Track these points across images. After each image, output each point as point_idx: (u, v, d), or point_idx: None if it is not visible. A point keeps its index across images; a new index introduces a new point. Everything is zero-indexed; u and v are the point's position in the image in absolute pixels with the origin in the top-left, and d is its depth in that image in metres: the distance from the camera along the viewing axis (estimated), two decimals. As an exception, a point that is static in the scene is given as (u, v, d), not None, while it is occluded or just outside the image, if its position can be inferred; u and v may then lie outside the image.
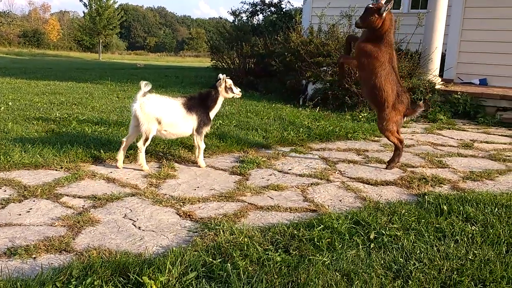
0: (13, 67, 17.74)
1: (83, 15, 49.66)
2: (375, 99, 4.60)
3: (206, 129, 4.51)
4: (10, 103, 7.43)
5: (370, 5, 4.41)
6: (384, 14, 4.32)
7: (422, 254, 2.65)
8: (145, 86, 4.11)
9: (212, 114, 4.54)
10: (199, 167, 4.44)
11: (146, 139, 4.21)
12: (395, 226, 3.02)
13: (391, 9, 4.38)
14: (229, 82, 4.55)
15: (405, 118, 4.78)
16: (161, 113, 4.19)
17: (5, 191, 3.55)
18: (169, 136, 4.49)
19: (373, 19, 4.37)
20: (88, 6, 43.83)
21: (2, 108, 6.92)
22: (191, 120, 4.36)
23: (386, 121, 4.59)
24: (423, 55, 8.79)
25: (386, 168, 4.66)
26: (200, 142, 4.45)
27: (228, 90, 4.54)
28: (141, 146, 4.21)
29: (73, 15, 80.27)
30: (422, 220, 3.13)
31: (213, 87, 4.54)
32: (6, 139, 4.91)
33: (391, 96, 4.50)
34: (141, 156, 4.25)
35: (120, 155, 4.29)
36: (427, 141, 6.18)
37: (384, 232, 2.90)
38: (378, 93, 4.50)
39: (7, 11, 42.44)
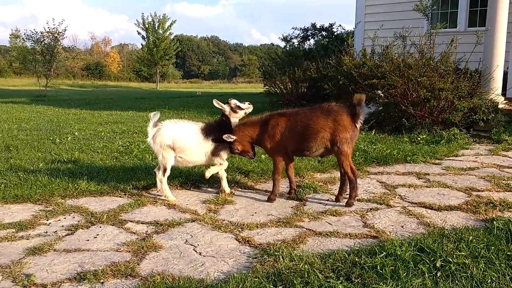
0: (78, 99, 18.82)
1: (141, 47, 52.16)
2: None
3: (225, 152, 4.31)
4: (76, 133, 7.88)
5: None
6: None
7: (494, 284, 2.51)
8: (154, 116, 4.14)
9: None
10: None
11: (165, 170, 4.15)
12: (462, 253, 2.88)
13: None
14: (233, 101, 4.37)
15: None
16: (172, 139, 4.11)
17: (73, 217, 3.74)
18: (186, 164, 4.33)
19: None
20: (146, 39, 46.01)
21: (70, 138, 7.34)
22: (208, 146, 4.23)
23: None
24: (483, 74, 8.46)
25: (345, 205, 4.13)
26: (223, 162, 4.29)
27: (236, 109, 4.35)
28: (161, 178, 4.16)
29: (132, 47, 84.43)
30: (492, 247, 2.96)
31: (222, 114, 4.40)
32: (74, 167, 5.19)
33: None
34: (163, 187, 4.18)
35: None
36: (492, 163, 5.89)
37: (451, 260, 2.77)
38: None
39: (72, 46, 45.45)
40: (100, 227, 3.54)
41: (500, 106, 8.31)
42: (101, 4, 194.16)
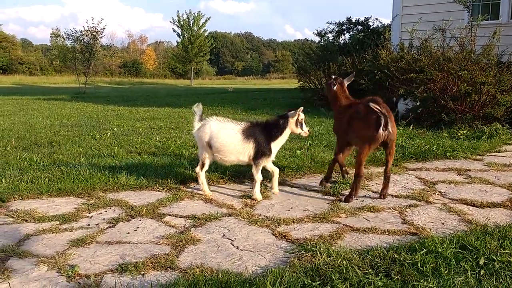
0: (116, 95, 19.29)
1: (176, 44, 52.89)
2: None
3: (265, 161, 4.12)
4: (115, 129, 8.08)
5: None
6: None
7: (541, 284, 2.41)
8: (197, 108, 4.13)
9: (275, 145, 4.15)
10: (275, 194, 4.22)
11: (203, 165, 4.18)
12: (507, 251, 2.79)
13: None
14: (302, 116, 4.19)
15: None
16: (210, 138, 4.06)
17: (114, 210, 3.84)
18: (223, 162, 4.26)
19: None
20: (181, 36, 46.61)
21: (109, 133, 7.54)
22: (247, 148, 4.06)
23: None
24: (527, 66, 8.13)
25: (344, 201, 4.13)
26: (256, 174, 4.10)
27: (298, 124, 4.17)
28: (199, 171, 4.18)
29: (167, 45, 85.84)
30: (539, 246, 2.86)
31: (284, 116, 4.18)
32: (113, 162, 5.33)
33: None
34: (200, 181, 4.20)
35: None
36: (537, 159, 5.66)
37: (495, 258, 2.69)
38: None
39: (110, 45, 46.53)
40: (140, 220, 3.62)
41: (546, 100, 7.97)
42: (138, 2, 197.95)
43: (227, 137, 4.07)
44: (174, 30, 46.66)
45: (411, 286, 2.41)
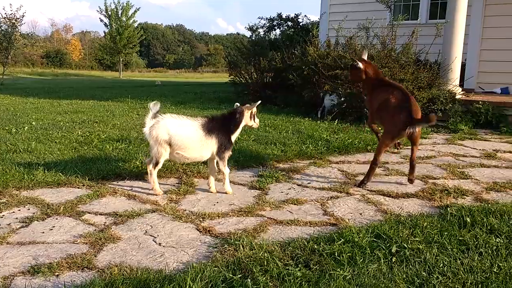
0: (36, 87, 18.20)
1: (103, 35, 50.87)
2: None
3: (228, 154, 4.16)
4: (33, 123, 7.62)
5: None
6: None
7: (446, 268, 2.60)
8: (153, 106, 3.96)
9: (233, 138, 4.21)
10: (226, 193, 4.18)
11: (157, 163, 4.02)
12: (417, 239, 2.97)
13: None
14: (255, 110, 4.27)
15: None
16: (171, 136, 3.95)
17: (28, 209, 3.62)
18: (183, 160, 4.20)
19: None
20: (108, 26, 44.88)
21: (26, 127, 7.09)
22: (210, 144, 4.06)
23: None
24: (442, 65, 8.71)
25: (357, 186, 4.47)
26: (223, 168, 4.12)
27: (252, 117, 4.25)
28: (152, 170, 4.04)
29: (94, 35, 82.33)
30: (445, 233, 3.07)
31: (238, 110, 4.20)
32: (30, 158, 5.02)
33: None
34: (152, 180, 4.07)
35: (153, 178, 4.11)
36: (448, 152, 6.08)
37: (406, 246, 2.85)
38: None
39: (31, 33, 43.56)
40: (57, 219, 3.44)
41: (458, 96, 8.59)
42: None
43: (189, 134, 3.99)
44: (101, 20, 44.82)
45: (328, 276, 2.49)
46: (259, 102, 4.29)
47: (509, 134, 7.59)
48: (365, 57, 4.91)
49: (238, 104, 4.26)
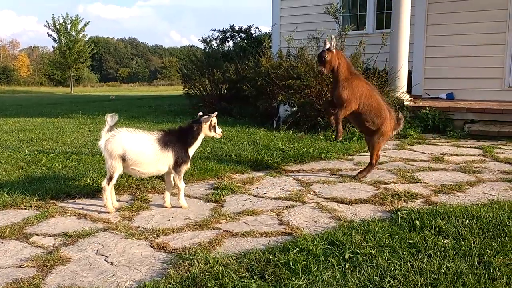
0: (-18, 106, 17.39)
1: (52, 49, 49.45)
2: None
3: (185, 167, 4.10)
4: (-23, 143, 7.26)
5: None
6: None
7: (397, 271, 2.66)
8: (111, 119, 3.84)
9: (191, 151, 4.15)
10: (181, 207, 4.09)
11: (110, 178, 3.90)
12: (369, 244, 3.03)
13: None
14: (215, 120, 4.20)
15: None
16: (125, 151, 3.83)
17: (-29, 234, 3.43)
18: (140, 175, 4.11)
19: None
20: (57, 41, 43.68)
21: (-31, 148, 6.75)
22: (167, 158, 3.99)
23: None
24: (390, 73, 9.01)
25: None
26: (179, 182, 4.06)
27: (211, 128, 4.19)
28: (105, 186, 3.91)
29: (43, 50, 79.81)
30: (396, 237, 3.15)
31: (196, 122, 4.13)
32: (-28, 180, 4.78)
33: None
34: (105, 197, 3.94)
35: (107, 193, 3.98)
36: (398, 157, 6.28)
37: (358, 251, 2.90)
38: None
39: (-26, 49, 41.92)
40: (2, 242, 3.28)
41: (406, 103, 8.90)
42: (7, 4, 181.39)
43: (144, 149, 3.88)
44: (50, 35, 43.59)
45: (283, 286, 2.49)
46: (216, 113, 4.23)
47: (455, 137, 7.93)
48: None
49: (201, 113, 4.20)
